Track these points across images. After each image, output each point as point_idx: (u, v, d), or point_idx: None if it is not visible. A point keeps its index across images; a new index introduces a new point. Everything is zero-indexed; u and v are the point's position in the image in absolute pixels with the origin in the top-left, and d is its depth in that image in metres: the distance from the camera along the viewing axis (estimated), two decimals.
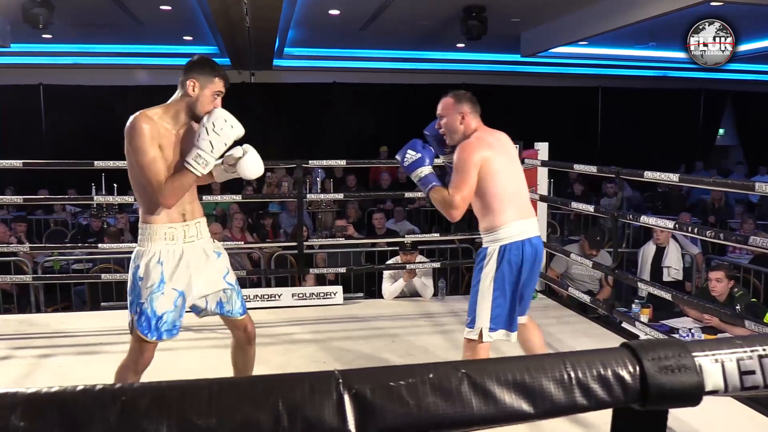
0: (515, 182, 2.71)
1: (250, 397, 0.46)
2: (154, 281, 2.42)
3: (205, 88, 2.43)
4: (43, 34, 9.13)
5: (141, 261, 2.43)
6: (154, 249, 2.44)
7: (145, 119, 2.37)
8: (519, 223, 2.64)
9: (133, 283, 2.44)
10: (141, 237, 2.47)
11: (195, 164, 2.35)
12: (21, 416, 0.44)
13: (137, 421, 0.45)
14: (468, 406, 0.50)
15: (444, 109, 2.79)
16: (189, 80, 2.42)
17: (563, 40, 9.56)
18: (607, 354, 0.57)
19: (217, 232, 6.33)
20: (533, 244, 2.66)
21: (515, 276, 2.62)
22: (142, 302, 2.42)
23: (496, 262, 2.61)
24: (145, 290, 2.42)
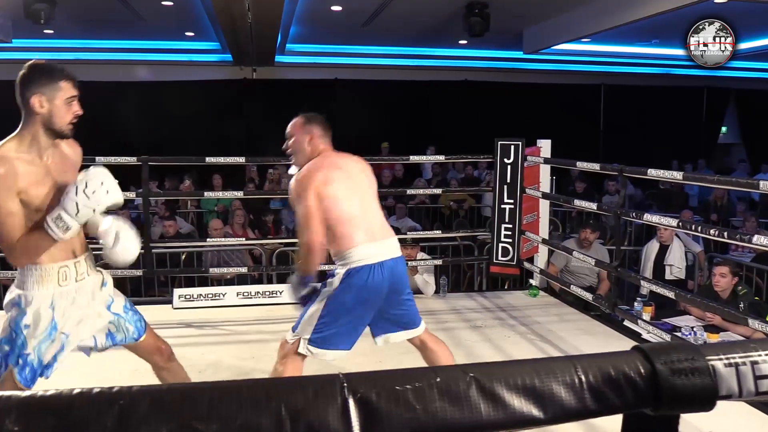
0: (360, 205, 2.60)
1: (252, 401, 0.45)
2: (43, 329, 2.11)
3: (54, 99, 2.07)
4: (45, 29, 9.11)
5: (28, 308, 2.10)
6: (45, 293, 2.11)
7: (1, 162, 2.00)
8: (369, 246, 2.53)
9: (13, 332, 2.11)
10: (26, 279, 2.11)
11: (54, 227, 1.99)
12: (16, 421, 0.43)
13: (135, 426, 0.44)
14: (476, 410, 0.48)
15: (292, 128, 2.76)
16: (32, 96, 2.05)
17: (566, 37, 9.52)
18: (619, 357, 0.55)
19: (218, 228, 6.32)
20: (385, 267, 2.54)
21: (357, 300, 2.51)
22: (27, 353, 2.11)
23: (338, 283, 2.51)
24: (33, 339, 2.11)
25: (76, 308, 2.19)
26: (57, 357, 2.18)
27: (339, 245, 2.55)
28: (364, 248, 2.53)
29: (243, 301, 4.72)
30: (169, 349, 2.46)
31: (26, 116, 2.09)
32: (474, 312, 4.63)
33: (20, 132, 2.10)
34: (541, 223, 5.20)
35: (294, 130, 2.74)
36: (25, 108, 2.08)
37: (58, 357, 2.19)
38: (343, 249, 2.54)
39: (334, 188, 2.55)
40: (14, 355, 2.11)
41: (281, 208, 8.12)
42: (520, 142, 4.95)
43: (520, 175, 4.93)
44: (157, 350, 2.42)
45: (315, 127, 2.73)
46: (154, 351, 2.42)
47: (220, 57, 11.26)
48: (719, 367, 0.56)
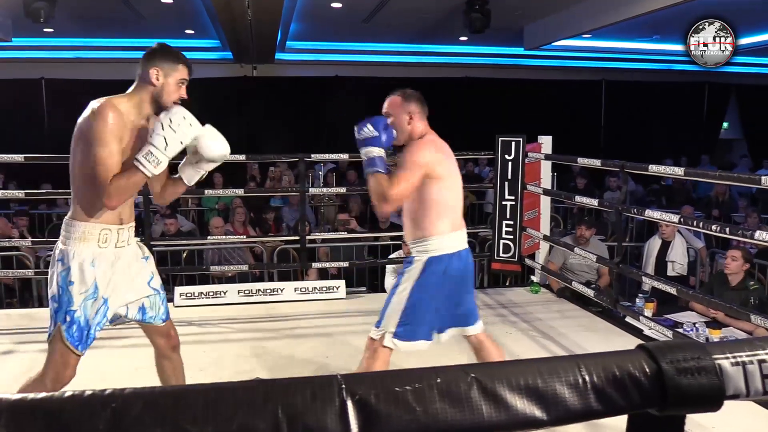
0: (456, 194, 2.61)
1: (248, 403, 0.44)
2: (88, 286, 2.19)
3: (169, 77, 2.25)
4: (45, 28, 9.09)
5: (72, 262, 2.18)
6: (86, 251, 2.21)
7: (113, 108, 2.16)
8: (450, 236, 2.54)
9: (60, 287, 2.18)
10: (70, 235, 2.22)
11: (146, 162, 2.13)
12: (5, 424, 0.42)
13: (128, 428, 0.42)
14: (478, 412, 0.47)
15: (391, 107, 2.66)
16: (152, 68, 2.23)
17: (567, 33, 9.50)
18: (623, 356, 0.54)
19: (219, 226, 6.31)
20: (462, 258, 2.57)
21: (438, 288, 2.52)
22: (74, 310, 2.18)
23: (419, 273, 2.50)
24: (78, 296, 2.18)
25: (114, 273, 2.25)
26: (100, 319, 2.24)
27: (425, 229, 2.53)
28: (447, 237, 2.53)
29: (244, 299, 4.72)
30: (178, 339, 2.52)
31: (140, 84, 2.27)
32: None
33: (130, 94, 2.27)
34: (542, 220, 5.19)
35: (392, 110, 2.65)
36: (142, 77, 2.26)
37: (101, 320, 2.24)
38: (427, 234, 2.52)
39: (444, 172, 2.53)
40: (62, 312, 2.18)
41: (282, 205, 8.12)
42: (520, 139, 4.94)
43: (521, 171, 4.92)
44: (169, 336, 2.48)
45: (413, 105, 2.65)
46: (166, 335, 2.47)
47: (220, 55, 11.24)
48: (726, 366, 0.55)
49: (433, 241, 2.52)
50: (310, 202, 7.86)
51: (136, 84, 2.28)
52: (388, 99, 2.71)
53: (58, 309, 2.19)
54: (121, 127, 2.16)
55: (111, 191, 2.13)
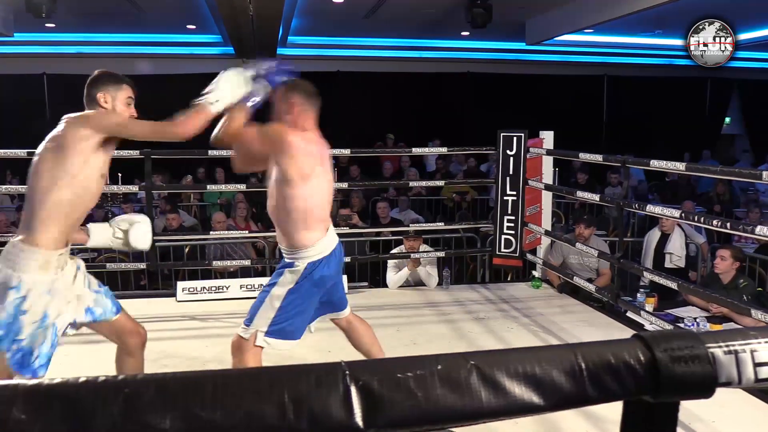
0: (323, 195, 2.57)
1: (255, 389, 0.45)
2: (39, 316, 2.15)
3: (116, 99, 2.38)
4: (46, 23, 9.10)
5: (31, 293, 2.12)
6: (45, 279, 2.15)
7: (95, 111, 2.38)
8: (326, 240, 2.54)
9: (11, 315, 2.11)
10: (27, 263, 2.13)
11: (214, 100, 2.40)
12: (23, 409, 0.43)
13: (141, 413, 0.44)
14: (477, 398, 0.49)
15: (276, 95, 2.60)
16: (99, 93, 2.35)
17: (569, 27, 9.49)
18: (619, 345, 0.56)
19: (221, 221, 6.33)
20: (335, 257, 2.59)
21: (318, 290, 2.55)
22: (21, 338, 2.14)
23: (298, 278, 2.49)
24: (29, 325, 2.14)
25: (61, 296, 2.22)
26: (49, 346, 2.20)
27: (298, 241, 2.50)
28: (324, 241, 2.54)
29: (246, 294, 4.74)
30: (145, 336, 2.48)
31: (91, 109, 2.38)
32: (477, 304, 4.63)
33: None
34: (544, 215, 5.20)
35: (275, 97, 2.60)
36: (92, 103, 2.38)
37: (50, 346, 2.20)
38: (300, 246, 2.50)
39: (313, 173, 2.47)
40: (8, 340, 2.13)
41: None
42: (522, 134, 4.95)
43: (523, 166, 4.93)
44: (135, 333, 2.45)
45: (296, 96, 2.56)
46: (130, 332, 2.44)
47: (221, 50, 11.24)
48: (719, 354, 0.56)
49: (307, 251, 2.50)
50: None
51: (87, 110, 2.37)
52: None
53: (4, 336, 2.13)
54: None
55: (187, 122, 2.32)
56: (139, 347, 2.45)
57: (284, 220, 2.51)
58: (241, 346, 2.52)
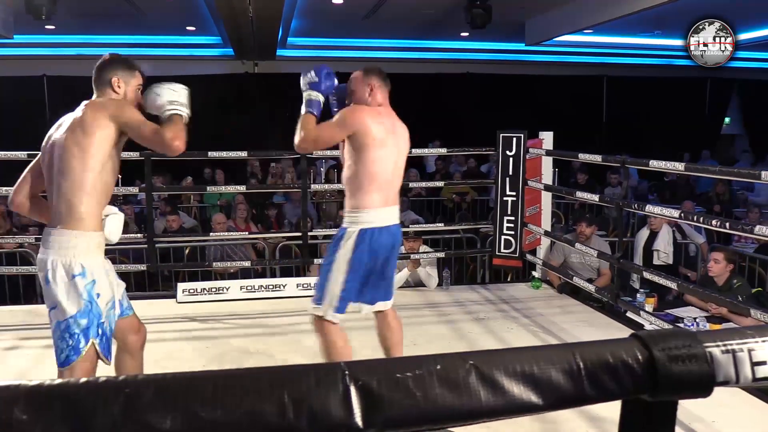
0: (393, 171, 2.70)
1: (255, 389, 0.46)
2: (109, 296, 2.21)
3: (128, 84, 2.37)
4: (46, 24, 9.10)
5: (97, 274, 2.17)
6: (101, 260, 2.22)
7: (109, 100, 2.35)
8: (382, 210, 2.64)
9: (88, 302, 2.13)
10: (82, 247, 2.15)
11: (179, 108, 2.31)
12: (24, 409, 0.44)
13: (141, 413, 0.44)
14: (476, 397, 0.49)
15: (352, 83, 2.79)
16: (113, 77, 2.34)
17: (568, 28, 9.49)
18: (617, 344, 0.56)
19: (221, 222, 6.33)
20: (391, 233, 2.67)
21: (370, 261, 2.63)
22: (102, 322, 2.17)
23: (353, 247, 2.59)
24: (105, 306, 2.18)
25: (114, 276, 2.30)
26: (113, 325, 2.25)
27: (359, 200, 2.63)
28: (379, 211, 2.63)
29: (246, 295, 4.74)
30: (145, 336, 2.48)
31: (101, 93, 2.36)
32: (477, 304, 4.64)
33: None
34: (544, 216, 5.20)
35: (354, 85, 2.77)
36: (102, 86, 2.35)
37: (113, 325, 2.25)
38: (360, 206, 2.62)
39: (380, 143, 2.61)
40: (94, 326, 2.14)
41: (284, 202, 8.14)
42: (522, 135, 4.95)
43: (522, 167, 4.93)
44: (137, 331, 2.44)
45: (374, 79, 2.74)
46: (134, 330, 2.43)
47: (221, 51, 11.25)
48: (716, 353, 0.57)
49: (365, 213, 2.61)
50: (312, 198, 7.88)
51: (98, 93, 2.36)
52: (351, 76, 2.81)
53: (89, 325, 2.14)
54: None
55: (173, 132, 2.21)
56: (139, 347, 2.45)
57: (351, 183, 2.65)
58: (322, 326, 2.66)
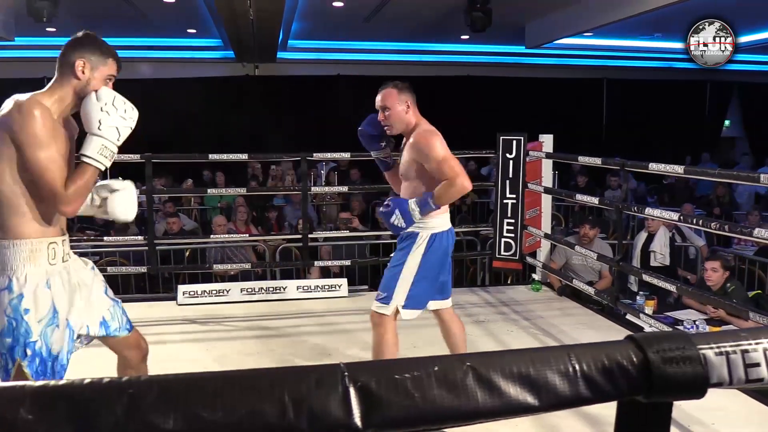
0: None
1: (256, 389, 0.47)
2: (45, 311, 1.92)
3: (96, 71, 2.00)
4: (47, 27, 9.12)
5: (25, 288, 1.89)
6: (38, 271, 1.92)
7: (40, 107, 1.88)
8: (445, 216, 2.84)
9: (12, 320, 1.89)
10: (12, 259, 1.90)
11: (101, 158, 1.92)
12: (29, 409, 0.45)
13: (144, 413, 0.45)
14: (473, 398, 0.50)
15: (386, 99, 2.81)
16: (78, 59, 1.98)
17: (568, 31, 9.51)
18: (612, 346, 0.57)
19: (222, 224, 6.35)
20: (451, 234, 2.87)
21: (439, 262, 2.80)
22: (33, 341, 1.90)
23: (425, 248, 2.75)
24: (37, 324, 1.90)
25: (70, 290, 2.00)
26: (68, 347, 2.00)
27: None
28: (444, 216, 2.84)
29: (247, 297, 4.75)
30: (147, 349, 2.27)
31: (61, 77, 2.01)
32: (477, 307, 4.64)
33: (51, 89, 2.01)
34: (544, 218, 5.22)
35: (389, 102, 2.82)
36: (64, 68, 2.01)
37: (69, 347, 2.00)
38: (437, 212, 2.77)
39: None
40: (20, 346, 1.90)
41: (284, 204, 8.15)
42: (522, 137, 4.96)
43: (522, 170, 4.94)
44: (138, 346, 2.24)
45: (408, 95, 2.85)
46: (137, 347, 2.24)
47: (222, 54, 11.27)
48: (710, 355, 0.57)
49: (434, 219, 2.77)
50: (312, 200, 7.89)
51: (57, 76, 2.01)
52: (381, 92, 2.85)
53: (14, 344, 1.89)
54: (54, 127, 1.90)
55: (70, 196, 1.88)
56: (140, 361, 2.25)
57: (418, 192, 2.79)
58: (382, 322, 2.77)
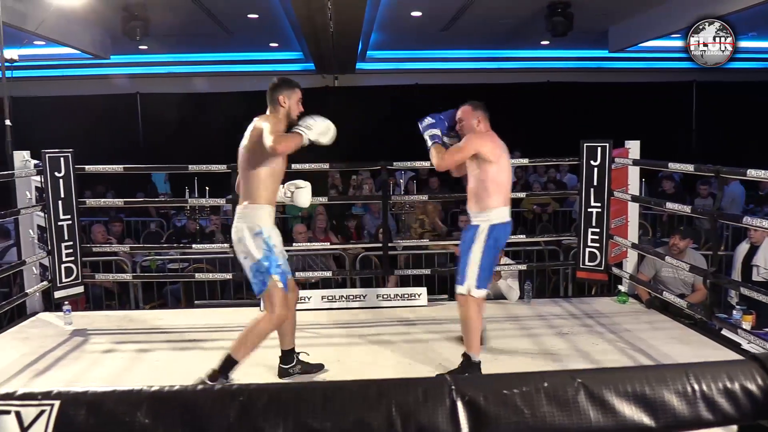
0: (507, 176, 3.46)
1: (364, 399, 0.46)
2: (279, 246, 3.20)
3: (291, 99, 3.22)
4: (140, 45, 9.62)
5: (270, 232, 3.16)
6: (270, 224, 3.19)
7: (269, 118, 3.15)
8: (504, 209, 3.39)
9: (266, 251, 3.12)
10: (254, 215, 3.13)
11: (305, 130, 3.10)
12: (146, 413, 0.46)
13: (255, 420, 0.46)
14: (585, 416, 0.48)
15: (463, 114, 3.47)
16: (280, 96, 3.20)
17: (654, 33, 9.17)
18: (733, 366, 0.53)
19: (302, 232, 6.47)
20: (508, 226, 3.44)
21: (497, 249, 3.42)
22: (279, 263, 3.16)
23: (486, 237, 3.32)
24: (279, 254, 3.18)
25: (278, 238, 3.23)
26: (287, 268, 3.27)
27: (486, 203, 3.35)
28: (503, 210, 3.39)
29: (327, 305, 4.81)
30: (298, 294, 3.60)
31: (273, 107, 3.23)
32: (560, 318, 4.52)
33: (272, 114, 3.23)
34: (630, 227, 5.03)
35: (464, 115, 3.46)
36: (274, 103, 3.22)
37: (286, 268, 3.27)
38: (491, 205, 3.34)
39: (497, 157, 3.36)
40: (273, 265, 3.14)
41: (363, 213, 8.22)
42: (607, 144, 4.80)
43: (608, 177, 4.78)
44: (293, 289, 3.39)
45: (480, 112, 3.45)
46: (291, 288, 3.34)
47: (303, 66, 11.54)
48: None
49: (492, 212, 3.35)
50: (391, 209, 7.92)
51: (271, 108, 3.23)
52: (460, 108, 3.51)
53: (270, 266, 3.12)
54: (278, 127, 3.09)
55: (281, 140, 3.02)
56: (293, 303, 3.40)
57: (479, 190, 3.37)
58: (464, 301, 3.35)
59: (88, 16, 8.27)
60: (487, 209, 3.35)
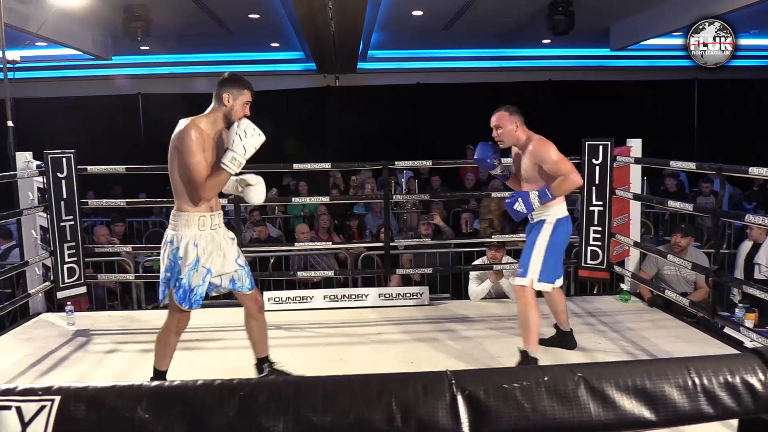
0: None
1: (364, 395, 0.46)
2: (191, 260, 2.90)
3: (237, 99, 2.92)
4: (141, 46, 9.63)
5: (180, 243, 2.91)
6: (189, 234, 2.91)
7: (195, 127, 2.84)
8: (564, 205, 3.52)
9: (171, 262, 2.92)
10: (177, 223, 2.93)
11: (230, 165, 2.86)
12: (146, 408, 0.46)
13: (255, 415, 0.46)
14: (585, 411, 0.48)
15: (500, 120, 3.55)
16: (225, 93, 2.90)
17: (656, 31, 9.15)
18: (734, 360, 0.53)
19: (305, 232, 6.47)
20: (570, 220, 3.53)
21: (563, 242, 3.51)
22: (181, 278, 2.91)
23: (552, 230, 3.43)
24: (184, 268, 2.90)
25: (211, 249, 2.97)
26: (202, 284, 2.95)
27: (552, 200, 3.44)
28: (563, 206, 3.52)
29: (329, 304, 4.81)
30: (262, 303, 3.29)
31: (215, 105, 2.94)
32: None
33: (207, 114, 2.95)
34: (632, 226, 5.02)
35: (501, 122, 3.55)
36: (217, 99, 2.93)
37: (202, 284, 2.96)
38: (552, 203, 3.44)
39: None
40: (173, 278, 2.93)
41: (365, 212, 8.22)
42: (608, 142, 4.80)
43: (609, 176, 4.78)
44: (256, 300, 3.20)
45: (517, 116, 3.56)
46: (254, 300, 3.19)
47: (304, 66, 11.54)
48: None
49: (557, 207, 3.48)
50: (393, 209, 7.92)
51: (213, 104, 2.94)
52: (495, 114, 3.58)
53: (171, 277, 2.93)
54: (201, 141, 2.84)
55: (206, 187, 2.86)
56: (257, 311, 3.18)
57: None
58: (523, 293, 3.41)
59: (90, 18, 8.28)
60: (552, 205, 3.47)
